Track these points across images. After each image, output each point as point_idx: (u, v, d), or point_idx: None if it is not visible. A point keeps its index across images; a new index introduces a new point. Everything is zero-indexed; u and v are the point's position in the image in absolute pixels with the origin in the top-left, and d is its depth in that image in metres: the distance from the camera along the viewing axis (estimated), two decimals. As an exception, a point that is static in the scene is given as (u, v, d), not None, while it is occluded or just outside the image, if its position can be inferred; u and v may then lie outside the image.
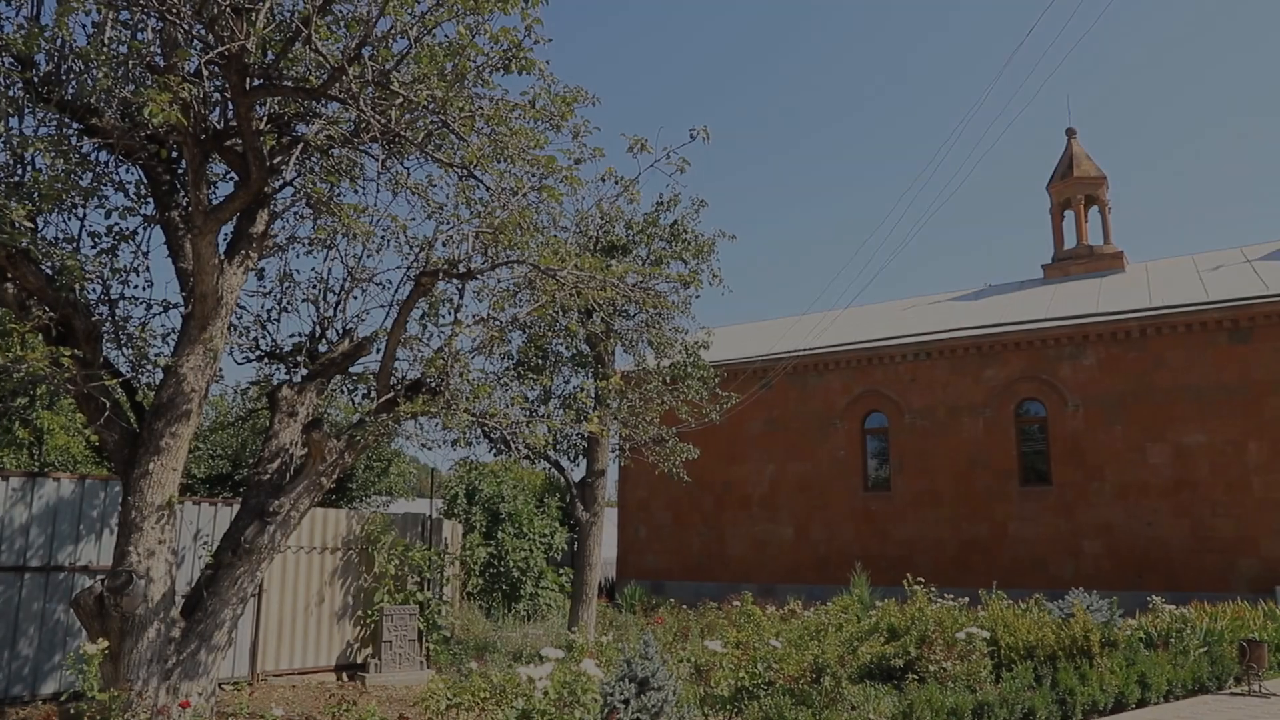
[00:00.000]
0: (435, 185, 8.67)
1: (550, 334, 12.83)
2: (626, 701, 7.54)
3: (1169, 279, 22.83)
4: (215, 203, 7.20)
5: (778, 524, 23.88)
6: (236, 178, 7.53)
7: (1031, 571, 20.34)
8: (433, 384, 7.91)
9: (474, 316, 8.67)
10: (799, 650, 9.64)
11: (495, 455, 13.64)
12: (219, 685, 8.68)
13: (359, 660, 12.26)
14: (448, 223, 8.32)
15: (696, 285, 12.41)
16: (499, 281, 8.76)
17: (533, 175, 8.05)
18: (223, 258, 7.43)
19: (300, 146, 7.39)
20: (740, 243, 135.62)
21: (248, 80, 6.34)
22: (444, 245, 8.12)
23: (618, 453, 14.92)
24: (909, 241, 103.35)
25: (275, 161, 7.34)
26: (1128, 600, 16.32)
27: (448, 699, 7.10)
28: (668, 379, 13.76)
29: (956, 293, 27.45)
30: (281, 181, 7.92)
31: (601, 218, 10.73)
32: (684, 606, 17.50)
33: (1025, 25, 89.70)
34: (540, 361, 13.22)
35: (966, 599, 13.70)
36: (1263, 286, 20.14)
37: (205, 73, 6.50)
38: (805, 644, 9.96)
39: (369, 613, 12.31)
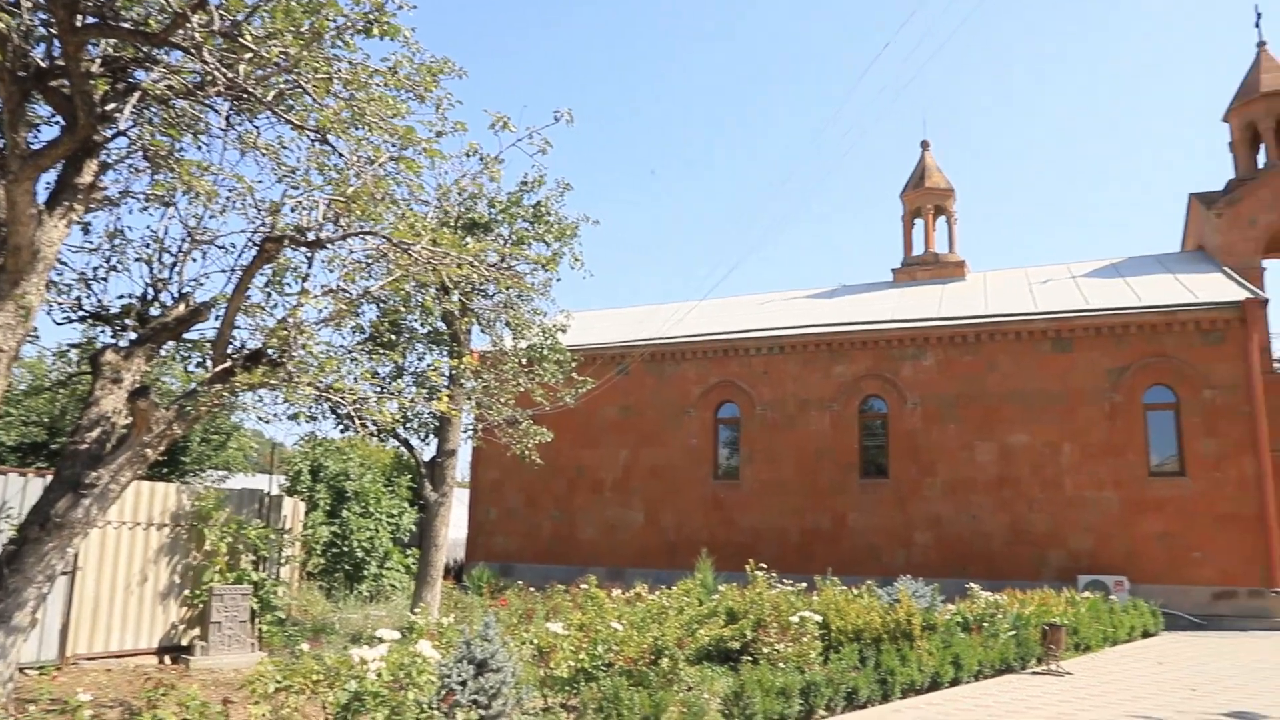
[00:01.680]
0: (287, 148, 8.29)
1: (405, 309, 12.53)
2: (464, 683, 7.48)
3: (1003, 289, 24.40)
4: (35, 147, 6.64)
5: (629, 509, 24.19)
6: (62, 122, 6.96)
7: (867, 560, 21.38)
8: (274, 355, 7.57)
9: (323, 287, 8.34)
10: (640, 633, 9.81)
11: (342, 432, 13.22)
12: (20, 670, 8.07)
13: (185, 642, 11.65)
14: (298, 188, 7.98)
15: (553, 268, 12.32)
16: (351, 252, 8.46)
17: (391, 145, 7.81)
18: (42, 208, 6.86)
19: (137, 95, 6.91)
20: (604, 229, 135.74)
21: (78, 16, 5.87)
22: (293, 211, 7.78)
23: (470, 433, 14.73)
24: (767, 239, 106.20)
25: (108, 108, 6.83)
26: (951, 587, 17.40)
27: (276, 682, 6.82)
28: (524, 361, 13.68)
29: (812, 290, 28.46)
30: (114, 130, 7.37)
31: (460, 194, 10.53)
32: (532, 589, 17.48)
33: (898, 28, 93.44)
34: (393, 337, 12.88)
35: (805, 585, 14.26)
36: (1084, 301, 21.85)
37: (28, 2, 5.97)
38: (646, 626, 10.13)
39: (197, 592, 11.71)
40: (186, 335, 8.90)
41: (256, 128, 7.89)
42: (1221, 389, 19.69)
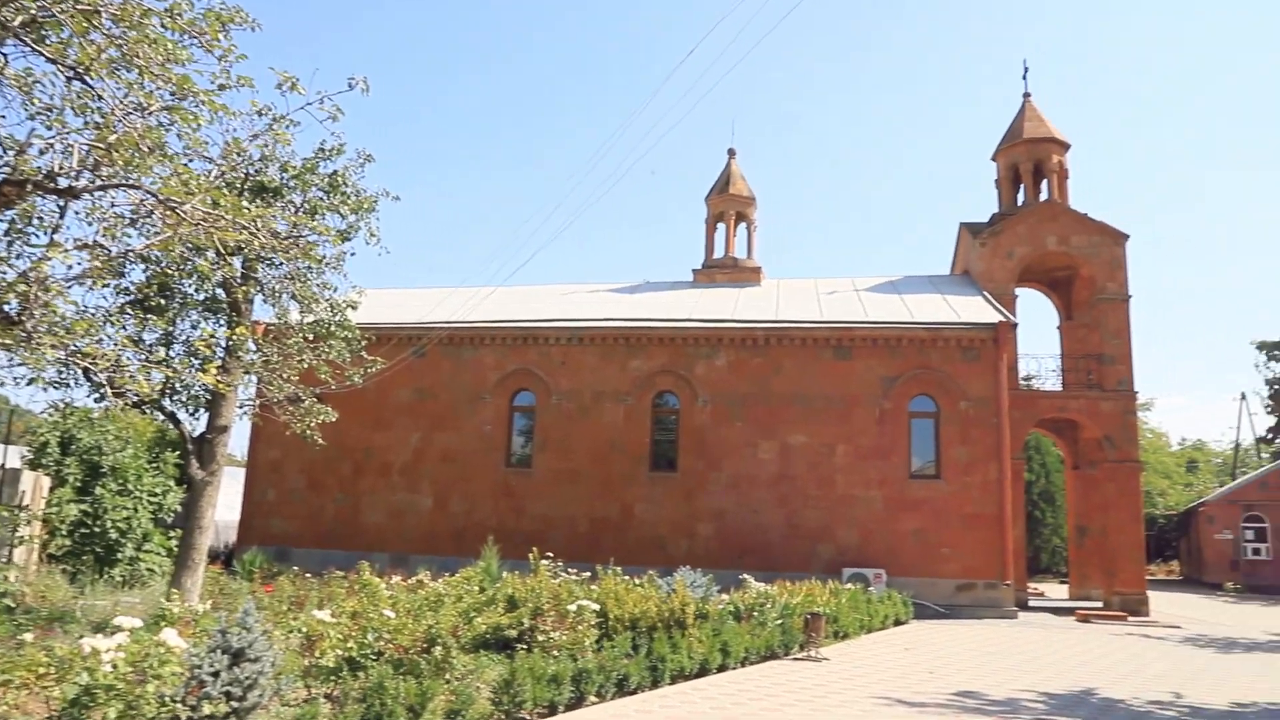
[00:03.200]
0: (43, 84, 7.45)
1: (178, 273, 11.59)
2: (216, 674, 7.03)
3: (794, 297, 25.74)
4: None
5: (418, 494, 23.63)
6: None
7: (652, 550, 21.95)
8: (11, 312, 6.80)
9: (77, 241, 7.56)
10: (415, 621, 9.60)
11: (97, 401, 12.06)
12: None
13: (-113, 630, 10.26)
14: (51, 129, 7.18)
15: (337, 241, 11.74)
16: (113, 205, 7.72)
17: (167, 93, 7.19)
18: None
19: None
20: (405, 206, 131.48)
21: None
22: (42, 154, 6.99)
23: (247, 409, 13.85)
24: (567, 227, 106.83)
25: None
26: (729, 578, 18.17)
27: (-9, 675, 6.16)
28: (310, 336, 13.01)
29: (615, 285, 28.87)
30: None
31: (241, 154, 9.84)
32: (309, 575, 16.69)
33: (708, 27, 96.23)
34: (162, 302, 11.88)
35: (590, 574, 14.44)
36: (864, 314, 23.44)
37: None
38: (422, 614, 9.93)
39: (-94, 575, 10.36)
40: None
41: (4, 55, 7.04)
42: (975, 401, 21.70)
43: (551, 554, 14.95)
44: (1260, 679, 13.25)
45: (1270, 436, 48.01)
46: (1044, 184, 26.86)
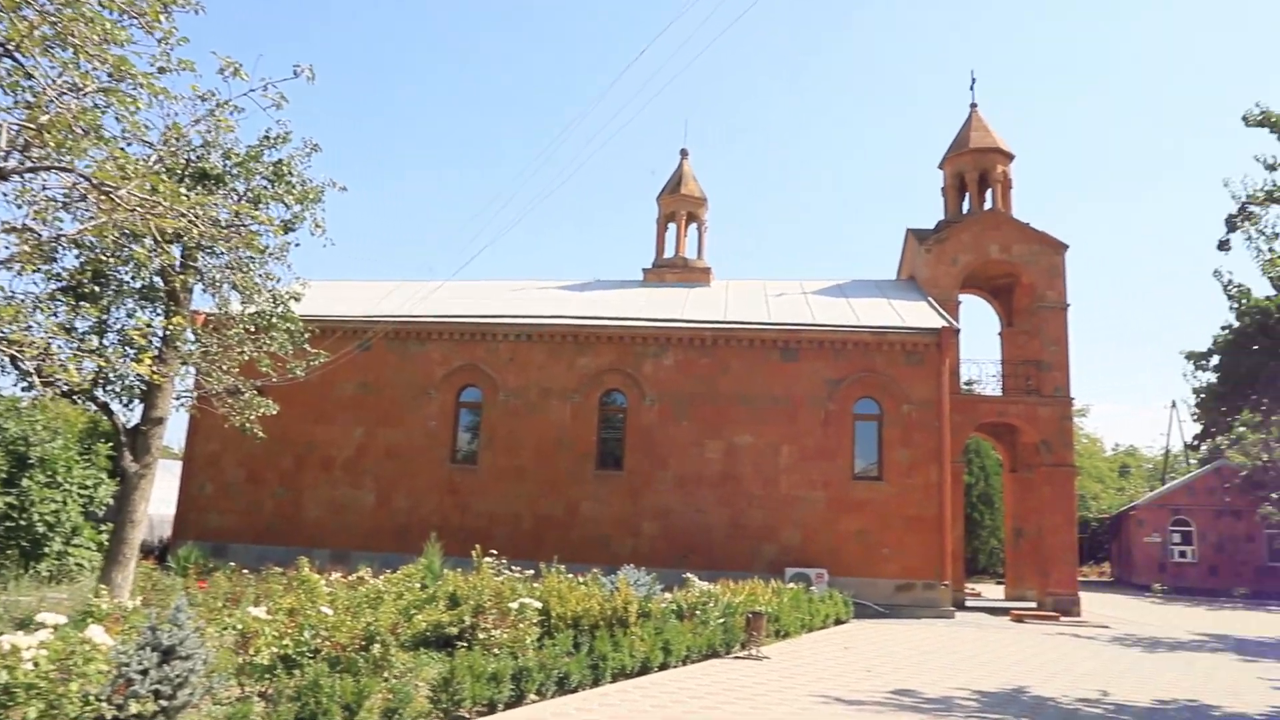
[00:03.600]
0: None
1: (114, 259, 11.27)
2: (145, 672, 6.87)
3: (742, 298, 25.92)
4: None
5: (360, 489, 23.29)
6: None
7: (597, 548, 21.93)
8: (-69, 296, 6.55)
9: (5, 224, 7.32)
10: (354, 618, 9.46)
11: (25, 390, 11.68)
12: None
13: None
14: (-21, 107, 6.92)
15: (278, 231, 11.52)
16: (44, 188, 7.48)
17: (103, 74, 6.99)
18: None
19: None
20: (352, 198, 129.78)
21: None
22: (-33, 133, 6.73)
23: (184, 401, 13.53)
24: (516, 224, 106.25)
25: None
26: (673, 577, 18.23)
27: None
28: (251, 327, 12.75)
29: (565, 282, 28.78)
30: None
31: (180, 140, 9.59)
32: (246, 571, 16.36)
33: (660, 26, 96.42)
34: (97, 289, 11.54)
35: (533, 572, 14.38)
36: (811, 316, 23.70)
37: None
38: (361, 611, 9.79)
39: None
40: None
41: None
42: (917, 404, 22.07)
43: (496, 551, 14.86)
44: (1182, 677, 13.70)
45: (1196, 443, 49.68)
46: (988, 193, 27.41)
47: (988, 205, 27.16)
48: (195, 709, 7.33)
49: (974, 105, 28.60)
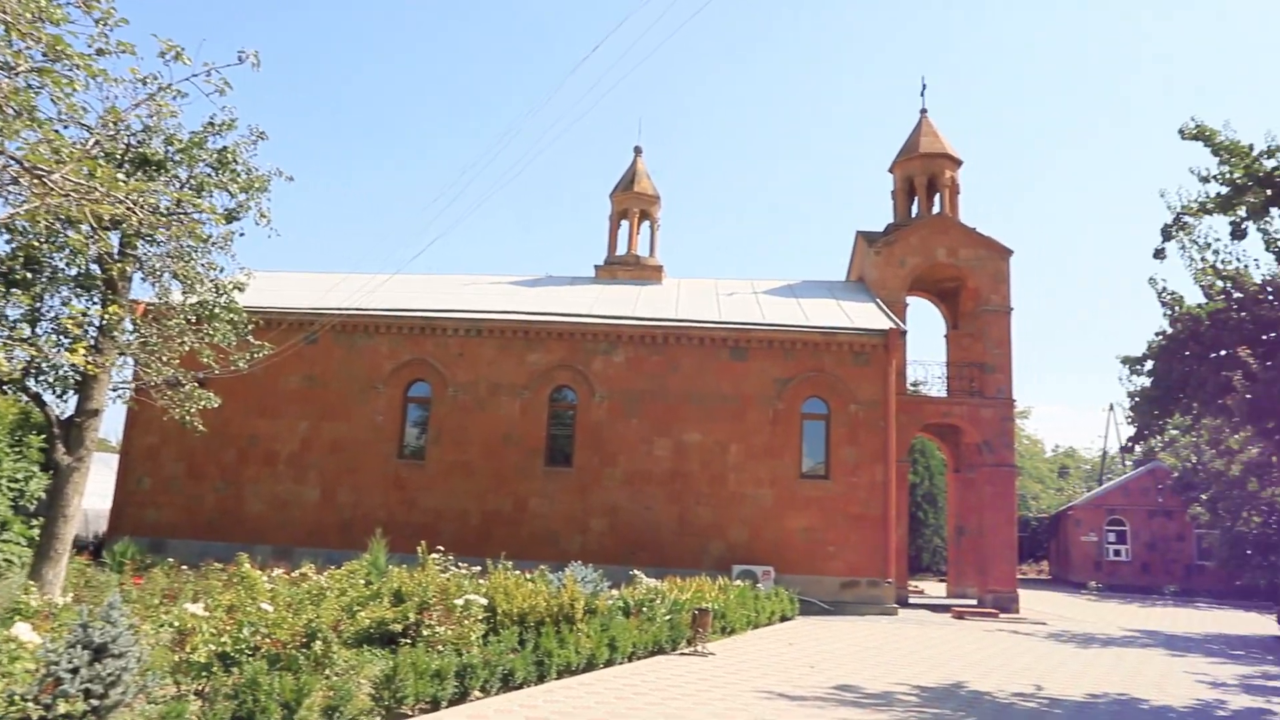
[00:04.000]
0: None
1: (48, 245, 10.94)
2: (75, 670, 6.70)
3: (694, 296, 26.03)
4: None
5: (304, 485, 22.91)
6: None
7: (545, 545, 21.87)
8: None
9: (-70, 207, 7.07)
10: (295, 615, 9.32)
11: (-49, 378, 11.28)
12: None
13: None
14: (-96, 84, 6.67)
15: (220, 220, 11.24)
16: (-28, 170, 7.22)
17: (40, 54, 6.78)
18: None
19: None
20: (299, 188, 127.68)
21: None
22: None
23: (121, 392, 13.18)
24: (467, 217, 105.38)
25: None
26: (621, 574, 18.24)
27: None
28: (193, 318, 12.47)
29: (516, 277, 28.64)
30: None
31: (119, 123, 9.32)
32: (185, 568, 16.01)
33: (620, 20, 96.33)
34: (29, 275, 11.19)
35: (480, 568, 14.29)
36: (761, 316, 23.88)
37: None
38: (302, 608, 9.65)
39: None
40: None
41: None
42: (864, 404, 22.37)
43: (442, 548, 14.74)
44: (1113, 672, 14.11)
45: (1131, 446, 51.12)
46: (937, 197, 27.87)
47: (936, 209, 27.62)
48: (128, 708, 7.16)
49: (924, 111, 29.05)
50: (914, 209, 28.29)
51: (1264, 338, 13.59)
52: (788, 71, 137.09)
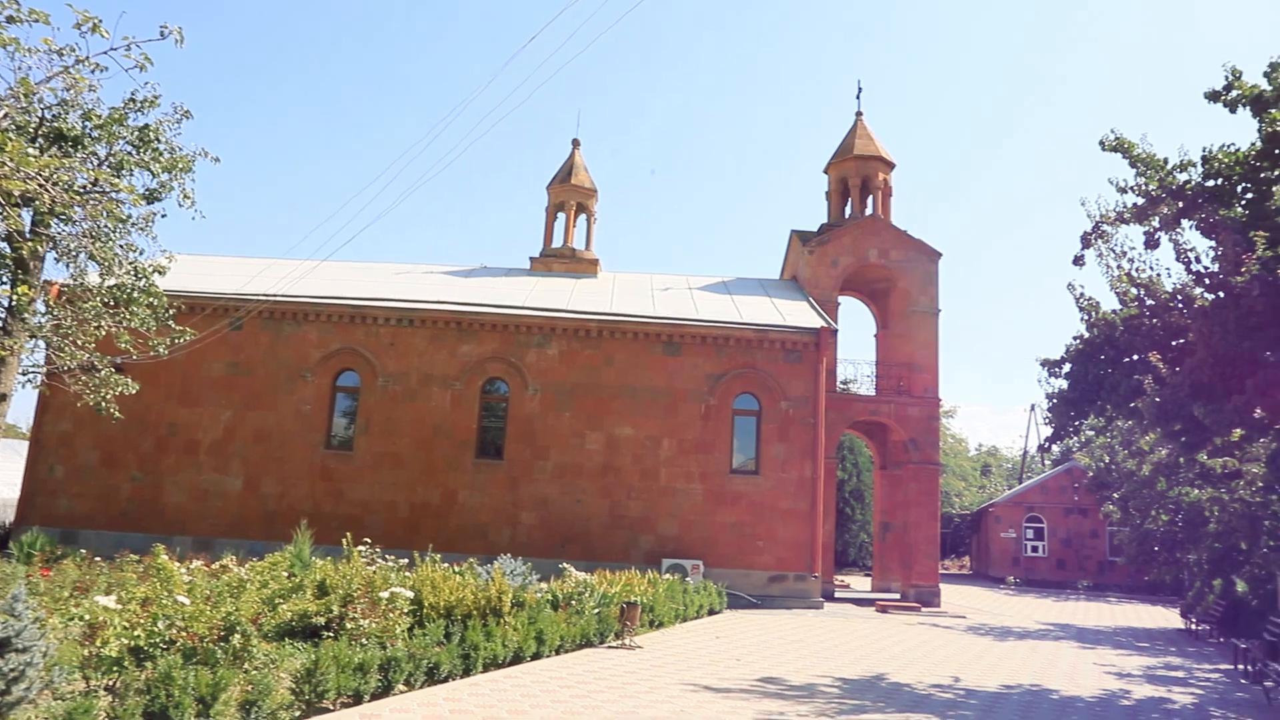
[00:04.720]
0: None
1: (-46, 222, 10.44)
2: (-25, 665, 6.43)
3: (629, 291, 26.06)
4: None
5: (227, 475, 22.31)
6: None
7: (474, 537, 21.71)
8: None
9: None
10: (213, 607, 9.09)
11: None
12: None
13: None
14: None
15: (138, 201, 10.86)
16: (-128, 140, 6.87)
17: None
18: None
19: None
20: (225, 169, 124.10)
21: None
22: None
23: (32, 377, 12.68)
24: (397, 205, 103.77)
25: None
26: (551, 567, 18.22)
27: None
28: (110, 301, 12.05)
29: (450, 267, 28.33)
30: None
31: (30, 95, 8.93)
32: (99, 559, 15.49)
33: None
34: (-66, 253, 10.69)
35: (408, 561, 14.11)
36: (695, 311, 24.02)
37: None
38: (221, 600, 9.41)
39: None
40: None
41: None
42: (795, 401, 22.68)
43: (370, 540, 14.52)
44: (1027, 663, 14.58)
45: (1048, 445, 52.85)
46: (870, 199, 28.38)
47: (869, 211, 28.12)
48: (32, 704, 6.92)
49: (859, 114, 29.54)
50: (848, 210, 28.77)
51: (1173, 344, 14.15)
52: (727, 70, 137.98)
